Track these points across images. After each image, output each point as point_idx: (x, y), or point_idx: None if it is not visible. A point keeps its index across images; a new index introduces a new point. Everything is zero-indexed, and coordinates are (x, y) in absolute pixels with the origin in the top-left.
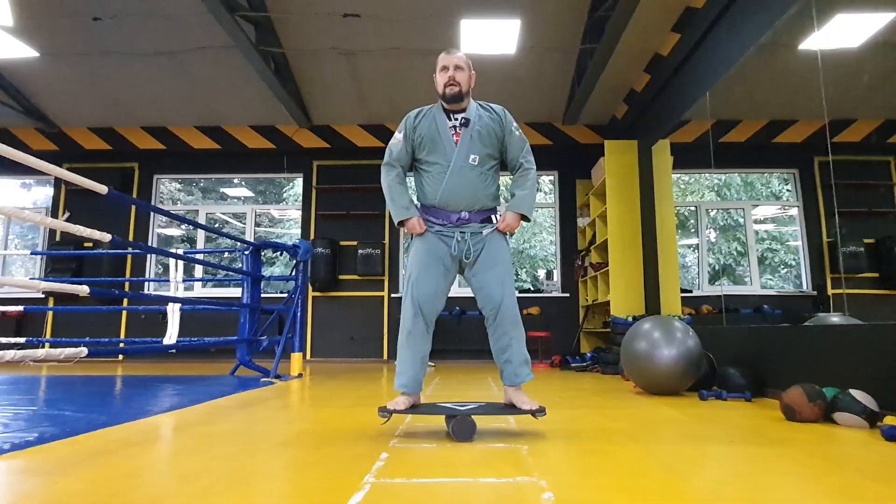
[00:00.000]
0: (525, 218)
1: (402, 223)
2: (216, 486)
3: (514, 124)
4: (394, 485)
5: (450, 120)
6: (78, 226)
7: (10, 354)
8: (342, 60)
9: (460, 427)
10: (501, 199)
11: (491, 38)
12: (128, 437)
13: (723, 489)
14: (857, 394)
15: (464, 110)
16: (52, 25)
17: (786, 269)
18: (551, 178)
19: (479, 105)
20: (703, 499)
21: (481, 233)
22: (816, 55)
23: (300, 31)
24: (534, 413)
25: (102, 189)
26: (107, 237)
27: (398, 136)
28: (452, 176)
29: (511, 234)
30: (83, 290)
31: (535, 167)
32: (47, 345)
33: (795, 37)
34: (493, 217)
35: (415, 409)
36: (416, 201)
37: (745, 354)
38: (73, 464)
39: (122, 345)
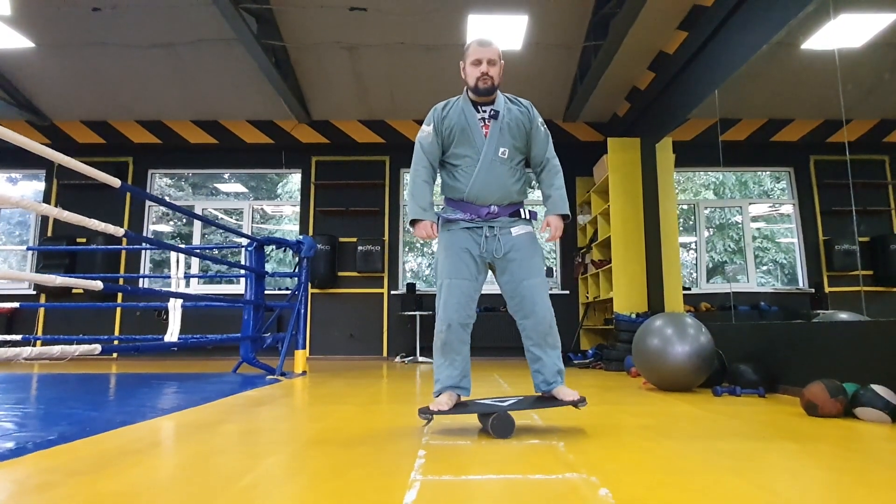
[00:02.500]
0: (565, 217)
1: (414, 223)
2: (261, 484)
3: (540, 119)
4: (443, 482)
5: (478, 112)
6: (93, 220)
7: (28, 351)
8: (344, 55)
9: (500, 425)
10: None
11: (498, 33)
12: (150, 435)
13: (778, 486)
14: (878, 389)
15: (492, 103)
16: (49, 15)
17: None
18: None
19: (507, 98)
20: (761, 497)
21: (510, 229)
22: (818, 54)
23: (302, 25)
24: (576, 403)
25: (115, 182)
26: (120, 231)
27: (427, 128)
28: (482, 169)
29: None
30: (97, 285)
31: (560, 165)
32: (39, 342)
33: (799, 36)
34: (521, 211)
35: (457, 408)
36: (442, 195)
37: (755, 351)
38: (105, 464)
39: (116, 342)
